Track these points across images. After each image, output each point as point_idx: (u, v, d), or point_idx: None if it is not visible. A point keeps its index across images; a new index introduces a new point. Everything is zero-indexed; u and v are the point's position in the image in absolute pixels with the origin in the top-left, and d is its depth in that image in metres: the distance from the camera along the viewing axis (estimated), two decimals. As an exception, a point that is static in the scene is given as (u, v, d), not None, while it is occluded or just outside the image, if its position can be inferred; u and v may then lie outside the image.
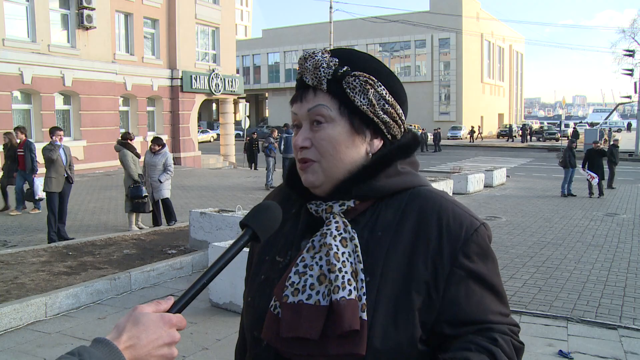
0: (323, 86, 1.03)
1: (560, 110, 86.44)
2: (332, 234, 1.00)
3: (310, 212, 1.09)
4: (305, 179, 1.05)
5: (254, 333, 1.07)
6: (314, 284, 0.98)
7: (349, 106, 1.03)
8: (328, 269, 0.97)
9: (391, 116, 1.06)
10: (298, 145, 1.05)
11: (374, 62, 1.07)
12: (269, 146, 15.20)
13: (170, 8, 21.54)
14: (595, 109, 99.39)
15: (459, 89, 50.49)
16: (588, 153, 14.64)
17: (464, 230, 1.00)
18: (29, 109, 16.63)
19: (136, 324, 0.82)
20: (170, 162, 9.25)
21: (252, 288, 1.11)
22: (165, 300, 0.87)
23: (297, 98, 1.08)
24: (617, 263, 7.35)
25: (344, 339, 0.94)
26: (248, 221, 0.95)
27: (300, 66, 1.07)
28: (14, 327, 4.71)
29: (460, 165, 20.17)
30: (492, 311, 1.00)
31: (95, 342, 0.79)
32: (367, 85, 1.03)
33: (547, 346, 4.52)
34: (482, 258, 1.01)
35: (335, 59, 1.04)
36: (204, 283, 0.89)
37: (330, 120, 1.03)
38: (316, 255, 1.00)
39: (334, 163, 1.03)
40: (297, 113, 1.07)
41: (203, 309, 5.26)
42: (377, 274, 0.98)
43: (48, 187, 8.10)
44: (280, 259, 1.08)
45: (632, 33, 37.91)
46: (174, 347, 0.85)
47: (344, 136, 1.03)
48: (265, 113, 66.45)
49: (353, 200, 1.04)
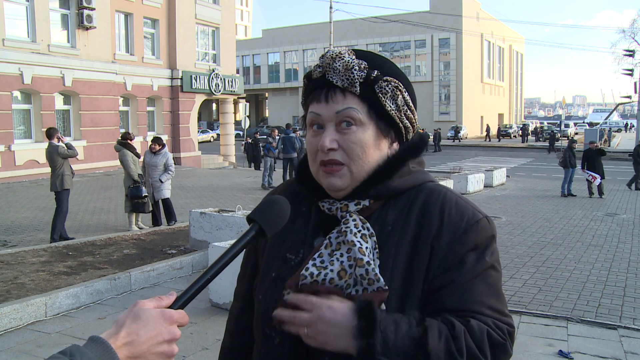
0: (355, 89, 1.02)
1: (560, 110, 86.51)
2: (352, 231, 1.00)
3: (321, 210, 1.09)
4: (330, 182, 1.04)
5: (265, 330, 1.06)
6: (333, 278, 0.98)
7: (378, 110, 1.04)
8: (350, 265, 0.98)
9: (411, 121, 1.09)
10: (326, 146, 1.02)
11: (397, 68, 1.09)
12: (267, 146, 15.18)
13: (170, 8, 21.55)
14: (595, 109, 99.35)
15: (459, 89, 50.48)
16: (586, 153, 14.59)
17: (465, 220, 1.02)
18: (29, 109, 16.63)
19: (136, 319, 0.80)
20: (170, 162, 9.26)
21: (263, 286, 1.10)
22: (167, 296, 0.86)
23: (320, 98, 1.04)
24: (617, 263, 7.34)
25: None
26: (255, 216, 0.93)
27: (327, 65, 1.04)
28: (14, 327, 4.71)
29: (460, 165, 20.17)
30: (483, 303, 0.98)
31: (90, 340, 0.78)
32: (397, 91, 1.04)
33: (547, 346, 4.52)
34: (480, 250, 1.01)
35: (364, 62, 1.03)
36: (208, 279, 0.87)
37: (360, 123, 1.03)
38: (335, 252, 1.00)
39: (362, 167, 1.04)
40: (322, 114, 1.04)
41: (203, 309, 5.26)
42: (388, 268, 1.00)
43: (63, 186, 8.07)
44: (292, 256, 1.08)
45: (632, 33, 37.98)
46: (175, 344, 0.83)
47: (372, 140, 1.04)
48: (265, 113, 66.45)
49: (368, 199, 1.05)
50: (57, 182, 8.04)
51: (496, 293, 1.02)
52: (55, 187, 8.09)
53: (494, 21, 57.24)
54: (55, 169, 8.04)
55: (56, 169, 8.02)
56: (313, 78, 1.07)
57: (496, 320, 0.98)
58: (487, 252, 1.02)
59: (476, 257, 1.00)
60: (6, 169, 15.38)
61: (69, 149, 8.10)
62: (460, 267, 0.99)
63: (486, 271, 1.00)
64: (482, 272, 1.00)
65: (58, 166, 8.01)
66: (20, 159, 15.83)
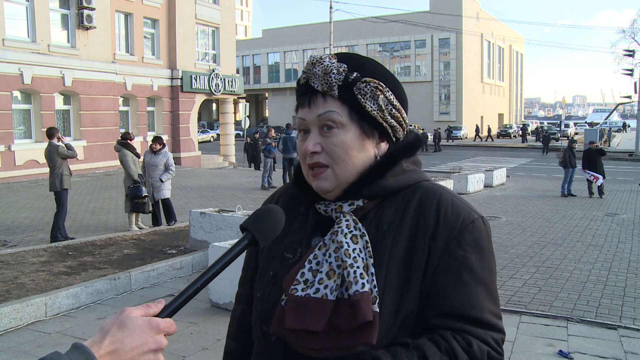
0: (334, 92, 1.04)
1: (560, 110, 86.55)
2: (342, 232, 1.02)
3: (318, 212, 1.11)
4: (318, 185, 1.06)
5: (263, 328, 1.08)
6: (322, 278, 1.00)
7: (359, 111, 1.05)
8: (337, 265, 0.99)
9: (397, 120, 1.09)
10: (309, 150, 1.05)
11: (380, 68, 1.09)
12: (267, 147, 15.16)
13: (170, 8, 21.55)
14: (595, 109, 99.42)
15: (459, 89, 50.49)
16: (586, 153, 14.58)
17: (460, 220, 1.02)
18: (29, 109, 16.63)
19: (121, 327, 0.78)
20: (171, 161, 9.26)
21: (261, 284, 1.13)
22: (156, 304, 0.84)
23: (304, 103, 1.07)
24: (617, 263, 7.34)
25: (357, 331, 0.96)
26: (248, 225, 0.93)
27: (308, 71, 1.07)
28: (14, 327, 4.71)
29: (460, 165, 20.17)
30: (480, 307, 0.99)
31: (73, 348, 0.76)
32: (377, 91, 1.05)
33: (547, 346, 4.52)
34: (476, 250, 1.01)
35: (344, 65, 1.05)
36: (198, 287, 0.86)
37: (341, 125, 1.04)
38: (327, 253, 1.02)
39: (346, 168, 1.05)
40: (306, 118, 1.07)
41: (203, 309, 5.26)
42: (383, 267, 1.00)
43: (62, 185, 8.11)
44: (290, 255, 1.10)
45: (632, 33, 37.92)
46: (160, 354, 0.81)
47: (355, 141, 1.05)
48: (265, 113, 66.46)
49: (362, 199, 1.06)
50: (56, 181, 8.06)
51: (493, 296, 1.02)
52: (54, 187, 8.11)
53: (494, 21, 57.23)
54: (54, 169, 8.05)
55: (55, 168, 8.04)
56: (300, 84, 1.10)
57: (493, 333, 0.99)
58: (483, 253, 1.02)
59: (473, 258, 1.00)
60: (6, 169, 15.38)
61: (69, 149, 8.11)
62: (458, 269, 0.99)
63: (483, 273, 1.01)
64: (480, 274, 1.00)
65: (57, 166, 8.04)
66: (20, 159, 15.84)
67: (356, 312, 0.95)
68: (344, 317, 0.97)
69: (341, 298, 0.98)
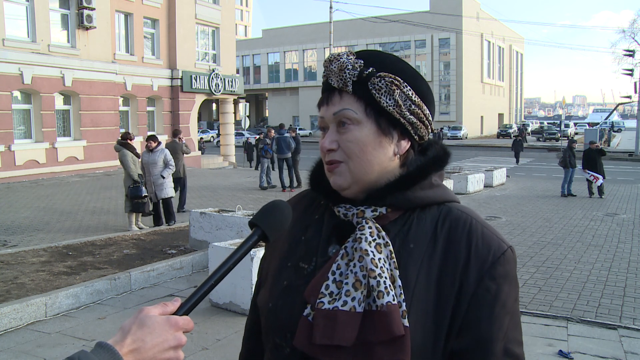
0: (348, 88, 1.02)
1: (560, 110, 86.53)
2: (367, 239, 0.98)
3: (335, 215, 1.08)
4: (333, 181, 1.05)
5: (276, 340, 1.05)
6: (349, 290, 0.96)
7: (375, 108, 1.02)
8: (363, 275, 0.96)
9: (418, 117, 1.05)
10: (325, 147, 1.04)
11: (399, 63, 1.06)
12: (264, 147, 15.17)
13: (170, 8, 21.54)
14: (596, 109, 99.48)
15: (459, 89, 50.51)
16: (586, 153, 14.57)
17: (492, 253, 1.00)
18: (29, 109, 16.63)
19: (142, 326, 0.80)
20: (169, 157, 9.29)
21: (273, 294, 1.08)
22: (172, 302, 0.86)
23: (323, 101, 1.07)
24: (617, 263, 7.34)
25: (389, 345, 0.93)
26: (257, 221, 0.93)
27: (326, 69, 1.06)
28: (14, 327, 4.71)
29: (460, 165, 20.17)
30: (508, 338, 0.99)
31: (98, 346, 0.78)
32: (392, 86, 1.02)
33: (547, 346, 4.52)
34: (507, 282, 1.00)
35: (360, 61, 1.03)
36: (212, 284, 0.87)
37: (356, 122, 1.02)
38: (350, 263, 0.99)
39: (361, 164, 1.03)
40: (324, 116, 1.06)
41: (203, 309, 5.26)
42: (410, 285, 0.98)
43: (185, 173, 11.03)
44: (305, 265, 1.06)
45: (632, 33, 37.96)
46: (180, 350, 0.83)
47: (370, 138, 1.02)
48: (265, 113, 66.48)
49: (385, 207, 1.03)
50: (180, 170, 10.76)
51: (516, 322, 1.03)
52: (178, 174, 10.58)
53: (493, 21, 57.24)
54: (177, 162, 10.34)
55: (178, 161, 10.51)
56: (323, 83, 1.09)
57: None
58: (512, 284, 1.02)
59: (505, 290, 1.00)
60: (6, 169, 15.38)
61: (187, 147, 11.28)
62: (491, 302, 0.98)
63: (512, 303, 1.01)
64: (509, 306, 1.01)
65: (180, 159, 10.68)
66: (20, 159, 15.84)
67: (387, 324, 0.92)
68: (373, 330, 0.93)
69: (369, 310, 0.95)
